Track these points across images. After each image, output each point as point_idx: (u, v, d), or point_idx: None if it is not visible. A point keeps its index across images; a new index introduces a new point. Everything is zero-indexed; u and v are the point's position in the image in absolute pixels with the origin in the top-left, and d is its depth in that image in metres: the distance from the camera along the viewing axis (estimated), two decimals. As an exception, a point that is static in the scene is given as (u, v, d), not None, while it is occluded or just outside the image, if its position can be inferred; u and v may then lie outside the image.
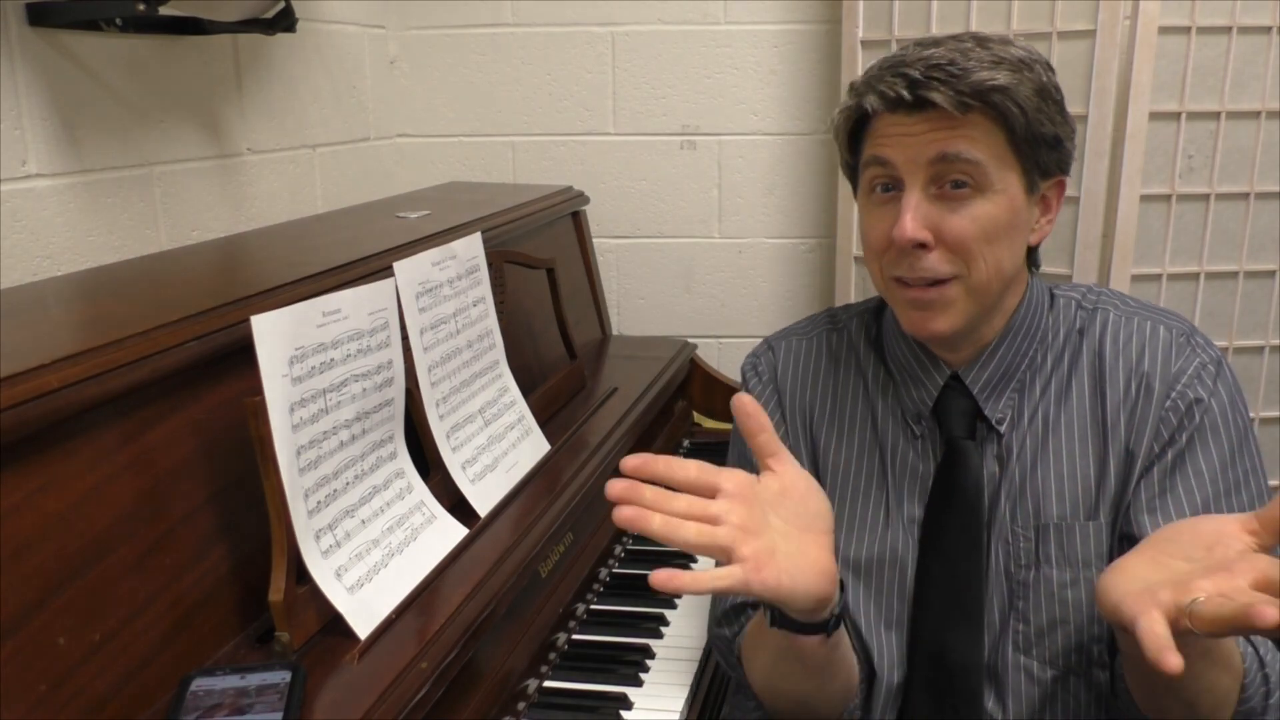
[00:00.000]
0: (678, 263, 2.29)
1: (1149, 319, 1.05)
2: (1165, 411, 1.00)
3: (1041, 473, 1.04)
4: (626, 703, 1.17)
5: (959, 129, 0.93)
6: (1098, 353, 1.04)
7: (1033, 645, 1.03)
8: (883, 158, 0.97)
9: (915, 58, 0.94)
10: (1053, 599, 1.02)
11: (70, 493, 0.83)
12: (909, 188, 0.96)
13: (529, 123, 2.26)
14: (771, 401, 1.16)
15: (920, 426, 1.08)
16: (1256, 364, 1.92)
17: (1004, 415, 1.05)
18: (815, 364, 1.15)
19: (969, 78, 0.92)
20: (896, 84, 0.93)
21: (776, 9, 2.13)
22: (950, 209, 0.95)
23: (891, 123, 0.96)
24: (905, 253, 0.96)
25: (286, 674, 0.87)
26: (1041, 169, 0.99)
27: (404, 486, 1.13)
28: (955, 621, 1.05)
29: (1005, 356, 1.05)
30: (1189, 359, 1.02)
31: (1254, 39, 1.79)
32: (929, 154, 0.94)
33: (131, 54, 1.45)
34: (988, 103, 0.93)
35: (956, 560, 1.05)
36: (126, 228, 1.45)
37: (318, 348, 1.00)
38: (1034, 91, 0.94)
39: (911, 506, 1.08)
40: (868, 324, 1.16)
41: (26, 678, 0.76)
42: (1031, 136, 0.95)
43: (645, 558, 1.52)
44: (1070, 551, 1.02)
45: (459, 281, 1.33)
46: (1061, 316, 1.07)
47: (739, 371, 1.23)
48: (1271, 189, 1.84)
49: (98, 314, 1.10)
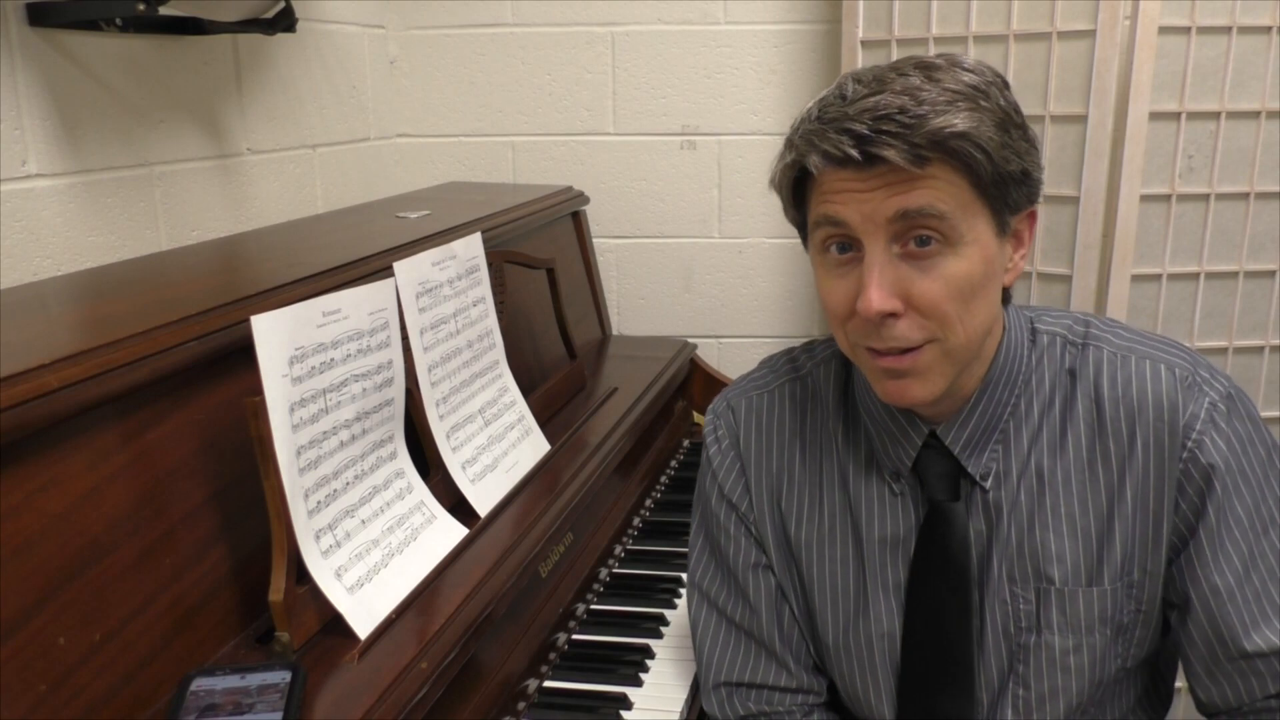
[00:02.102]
0: (678, 263, 2.29)
1: (1147, 357, 0.95)
2: (1184, 465, 0.92)
3: (1040, 531, 0.96)
4: (626, 703, 1.17)
5: (918, 182, 0.83)
6: (1094, 399, 0.95)
7: (1033, 711, 0.98)
8: (835, 218, 0.86)
9: (859, 109, 0.82)
10: (1054, 665, 0.96)
11: (70, 493, 0.83)
12: (869, 249, 0.85)
13: (529, 123, 2.26)
14: (734, 471, 1.07)
15: (899, 485, 1.00)
16: (1256, 364, 1.92)
17: (988, 470, 0.97)
18: (779, 423, 1.06)
19: (924, 127, 0.81)
20: (843, 142, 0.82)
21: (776, 9, 2.13)
22: (919, 270, 0.85)
23: (839, 178, 0.85)
24: (869, 321, 0.86)
25: (286, 674, 0.87)
26: (1011, 207, 0.89)
27: (404, 486, 1.13)
28: (945, 688, 0.99)
29: (986, 410, 0.96)
30: (1198, 402, 0.92)
31: (1254, 39, 1.79)
32: (887, 212, 0.83)
33: (131, 54, 1.45)
34: (947, 151, 0.82)
35: (945, 626, 0.98)
36: (126, 228, 1.45)
37: (318, 348, 1.00)
38: (995, 127, 0.84)
39: (894, 572, 1.00)
40: (836, 372, 1.06)
41: (26, 678, 0.76)
42: (998, 178, 0.85)
43: (645, 558, 1.52)
44: (1073, 617, 0.95)
45: (459, 281, 1.33)
46: (1046, 356, 0.97)
47: (706, 416, 1.13)
48: (1271, 189, 1.84)
49: (98, 314, 1.10)
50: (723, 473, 1.08)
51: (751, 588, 1.07)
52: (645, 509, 1.67)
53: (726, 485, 1.07)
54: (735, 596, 1.08)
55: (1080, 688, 0.97)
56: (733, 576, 1.08)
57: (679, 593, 1.42)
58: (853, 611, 1.03)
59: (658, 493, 1.74)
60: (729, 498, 1.07)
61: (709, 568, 1.11)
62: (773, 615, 1.06)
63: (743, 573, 1.07)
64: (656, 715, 1.16)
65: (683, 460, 1.87)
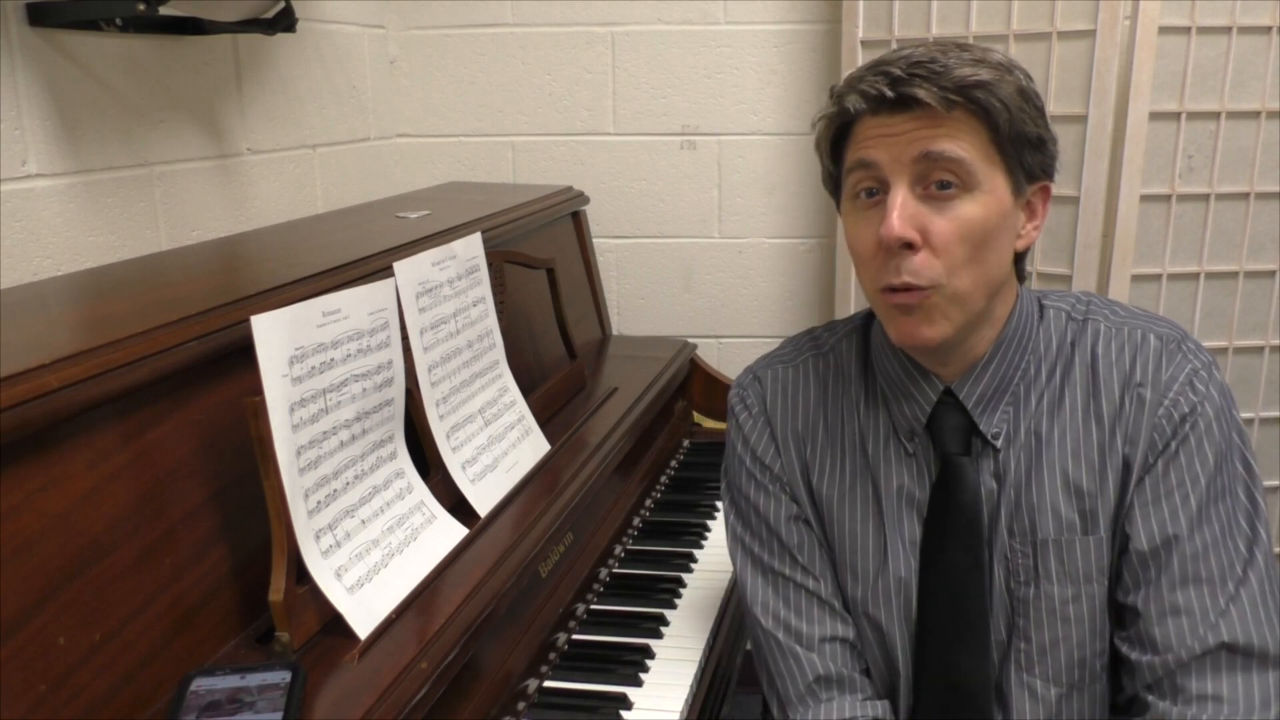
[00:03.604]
0: (678, 263, 2.29)
1: (1139, 327, 1.03)
2: (1158, 419, 0.99)
3: (1037, 488, 1.01)
4: (626, 703, 1.17)
5: (943, 126, 0.93)
6: (1090, 365, 1.03)
7: (1035, 664, 1.02)
8: (867, 160, 0.96)
9: (895, 57, 0.94)
10: (1054, 615, 1.00)
11: (70, 493, 0.83)
12: (894, 187, 0.94)
13: (529, 123, 2.26)
14: (765, 434, 1.12)
15: (913, 444, 1.06)
16: (1256, 364, 1.92)
17: (999, 430, 1.03)
18: (804, 393, 1.13)
19: (951, 74, 0.91)
20: (878, 82, 0.93)
21: (776, 9, 2.13)
22: (937, 209, 0.94)
23: (874, 124, 0.95)
24: (893, 254, 0.94)
25: (286, 674, 0.87)
26: (1026, 171, 0.97)
27: (404, 486, 1.13)
28: (963, 643, 1.03)
29: (999, 370, 1.03)
30: (1180, 365, 1.00)
31: (1254, 39, 1.79)
32: (913, 152, 0.93)
33: (131, 54, 1.45)
34: (971, 99, 0.92)
35: (959, 579, 1.02)
36: (126, 228, 1.45)
37: (318, 348, 1.00)
38: (1015, 91, 0.94)
39: (910, 527, 1.05)
40: (856, 345, 1.13)
41: (26, 678, 0.76)
42: (1015, 135, 0.95)
43: (645, 558, 1.52)
44: (1071, 566, 1.00)
45: (459, 281, 1.33)
46: (1053, 328, 1.05)
47: (727, 400, 1.19)
48: (1271, 189, 1.84)
49: (98, 314, 1.10)
50: (754, 437, 1.12)
51: (796, 539, 1.10)
52: (645, 509, 1.67)
53: (759, 447, 1.12)
54: (778, 550, 1.11)
55: (1080, 637, 1.00)
56: (773, 533, 1.11)
57: (679, 593, 1.42)
58: (874, 565, 1.07)
59: (658, 493, 1.74)
60: (761, 459, 1.12)
61: (747, 529, 1.14)
62: (813, 562, 1.10)
63: (785, 526, 1.11)
64: (656, 715, 1.16)
65: (683, 460, 1.87)
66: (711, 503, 1.69)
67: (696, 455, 1.89)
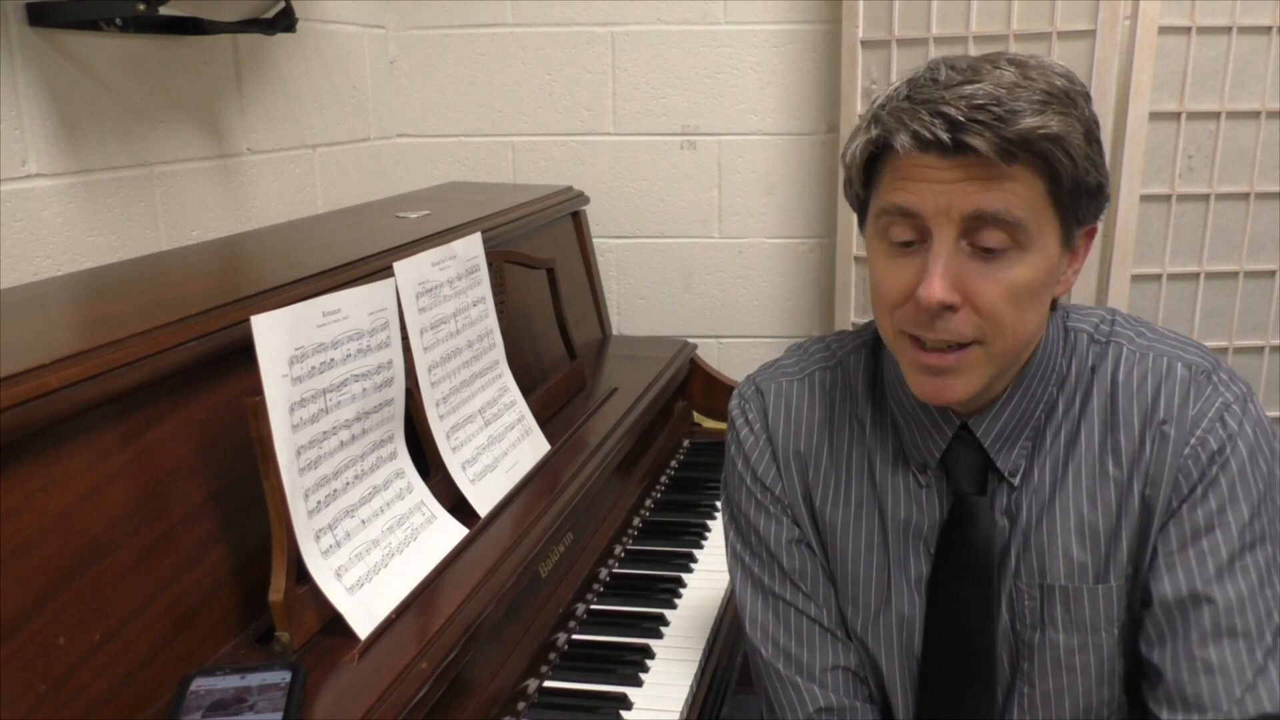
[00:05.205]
0: (678, 263, 2.29)
1: (1165, 354, 0.94)
2: (1184, 460, 0.91)
3: (1048, 528, 0.95)
4: (626, 703, 1.17)
5: (998, 181, 0.82)
6: (1109, 394, 0.94)
7: (1039, 709, 0.97)
8: (909, 208, 0.85)
9: (955, 95, 0.81)
10: (1059, 664, 0.95)
11: (70, 493, 0.83)
12: (937, 241, 0.84)
13: (529, 123, 2.26)
14: (766, 453, 1.06)
15: (925, 477, 0.99)
16: (1256, 364, 1.92)
17: (1017, 467, 0.96)
18: (809, 410, 1.05)
19: (1017, 123, 0.80)
20: (935, 125, 0.81)
21: (776, 9, 2.13)
22: (983, 269, 0.84)
23: (920, 164, 0.84)
24: (926, 310, 0.85)
25: (286, 674, 0.87)
26: (1080, 219, 0.88)
27: (404, 486, 1.13)
28: (967, 684, 0.98)
29: (1020, 404, 0.95)
30: (1210, 400, 0.91)
31: (1254, 39, 1.79)
32: (964, 208, 0.82)
33: (131, 54, 1.45)
34: (1036, 152, 0.81)
35: (968, 620, 0.97)
36: (126, 228, 1.45)
37: (318, 348, 1.00)
38: (1083, 136, 0.83)
39: (916, 565, 1.00)
40: (866, 361, 1.05)
41: (26, 678, 0.76)
42: (1077, 187, 0.85)
43: (645, 558, 1.52)
44: (1078, 616, 0.94)
45: (459, 281, 1.33)
46: (1075, 355, 0.97)
47: (728, 409, 1.13)
48: (1271, 189, 1.84)
49: (98, 314, 1.10)
50: (755, 455, 1.06)
51: (798, 563, 1.05)
52: (645, 509, 1.67)
53: (760, 467, 1.06)
54: (778, 574, 1.06)
55: (1087, 687, 0.96)
56: (773, 557, 1.06)
57: (679, 593, 1.42)
58: (875, 600, 1.02)
59: (658, 493, 1.74)
60: (762, 479, 1.06)
61: (746, 548, 1.08)
62: (815, 589, 1.05)
63: (786, 549, 1.05)
64: (656, 715, 1.16)
65: (683, 460, 1.87)
66: (711, 503, 1.69)
67: (696, 455, 1.89)
